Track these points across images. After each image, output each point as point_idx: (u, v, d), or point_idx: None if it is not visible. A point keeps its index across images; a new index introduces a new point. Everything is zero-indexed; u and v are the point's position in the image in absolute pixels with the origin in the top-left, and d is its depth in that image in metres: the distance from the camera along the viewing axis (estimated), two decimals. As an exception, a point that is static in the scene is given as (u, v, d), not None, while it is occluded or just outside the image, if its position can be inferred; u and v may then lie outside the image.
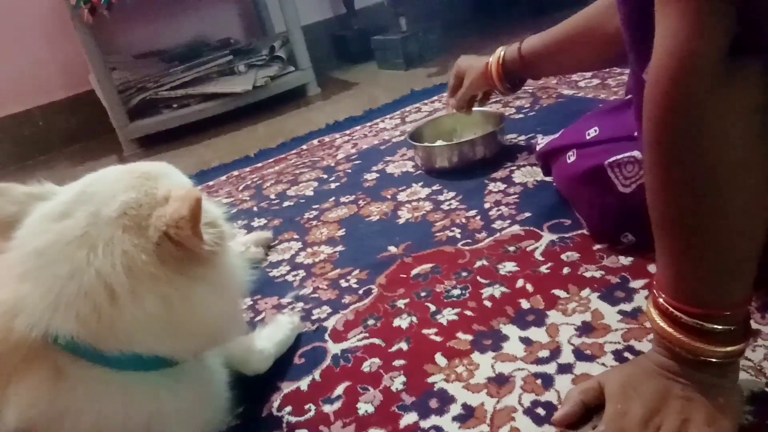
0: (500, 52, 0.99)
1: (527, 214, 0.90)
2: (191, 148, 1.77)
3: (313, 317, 0.79)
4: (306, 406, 0.64)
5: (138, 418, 0.52)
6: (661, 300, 0.49)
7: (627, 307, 0.66)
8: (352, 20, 2.37)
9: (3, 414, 0.49)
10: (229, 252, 0.57)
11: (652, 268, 0.70)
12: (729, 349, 0.47)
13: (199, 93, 1.84)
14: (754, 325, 0.57)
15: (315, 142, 1.49)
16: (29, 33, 2.04)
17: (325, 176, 1.25)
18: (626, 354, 0.59)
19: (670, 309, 0.48)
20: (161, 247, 0.49)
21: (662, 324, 0.49)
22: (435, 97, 1.61)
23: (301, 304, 0.82)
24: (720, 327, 0.47)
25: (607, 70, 1.39)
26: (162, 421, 0.54)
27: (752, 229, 0.46)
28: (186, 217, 0.48)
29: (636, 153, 0.70)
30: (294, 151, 1.47)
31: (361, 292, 0.82)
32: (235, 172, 1.42)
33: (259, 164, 1.44)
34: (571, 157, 0.79)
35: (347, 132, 1.50)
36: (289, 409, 0.64)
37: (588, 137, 0.79)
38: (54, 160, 2.04)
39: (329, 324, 0.76)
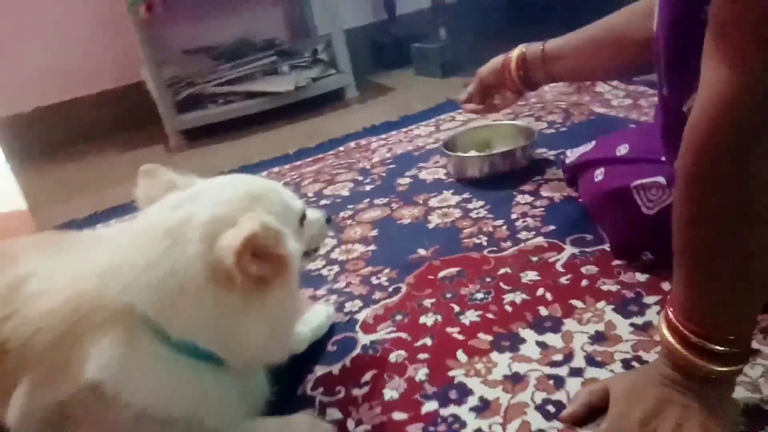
0: (523, 47, 1.02)
1: (552, 227, 0.95)
2: (233, 143, 1.85)
3: (345, 310, 0.85)
4: (337, 389, 0.70)
5: (183, 402, 0.59)
6: (672, 317, 0.54)
7: (639, 320, 0.70)
8: (392, 26, 2.44)
9: (80, 357, 0.57)
10: (289, 289, 0.61)
11: (666, 286, 0.75)
12: (728, 369, 0.52)
13: (243, 90, 1.93)
14: (755, 345, 0.62)
15: (351, 144, 1.56)
16: (84, 24, 2.14)
17: (361, 178, 1.32)
18: (634, 363, 0.64)
19: (679, 326, 0.53)
20: (215, 267, 0.56)
21: (670, 339, 0.54)
22: (470, 107, 1.66)
23: (334, 297, 0.89)
24: (722, 348, 0.51)
25: (641, 90, 1.42)
26: (200, 406, 0.60)
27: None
28: (233, 249, 0.53)
29: (660, 178, 0.74)
30: (331, 152, 1.54)
31: (390, 289, 0.88)
32: (275, 169, 1.50)
33: (298, 162, 1.51)
34: (599, 175, 0.84)
35: (383, 136, 1.57)
36: (321, 390, 0.71)
37: (618, 153, 0.84)
38: (103, 147, 2.13)
39: (360, 317, 0.83)
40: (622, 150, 0.82)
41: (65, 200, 1.72)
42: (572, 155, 0.94)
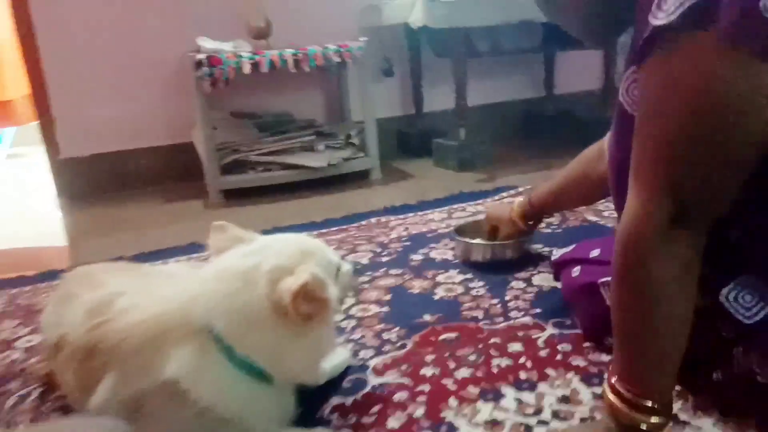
0: (518, 205, 1.31)
1: (538, 310, 1.13)
2: (267, 206, 2.07)
3: (359, 356, 1.02)
4: (349, 416, 0.86)
5: (234, 404, 0.76)
6: (612, 379, 0.71)
7: (599, 390, 0.87)
8: (418, 121, 2.73)
9: (164, 364, 0.74)
10: (327, 325, 0.82)
11: (623, 365, 0.92)
12: (654, 420, 0.68)
13: (282, 162, 2.17)
14: (685, 418, 0.79)
15: (373, 220, 1.77)
16: (150, 85, 2.42)
17: (379, 250, 1.52)
18: (589, 421, 0.81)
19: (617, 386, 0.70)
20: (276, 304, 0.75)
21: (611, 396, 0.71)
22: (479, 201, 1.88)
23: (350, 345, 1.06)
24: (649, 403, 0.68)
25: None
26: (248, 411, 0.77)
27: (674, 342, 0.68)
28: (291, 292, 0.73)
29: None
30: (354, 225, 1.74)
31: (398, 344, 1.05)
32: (304, 234, 1.69)
33: (324, 230, 1.72)
34: (576, 272, 1.03)
35: (401, 216, 1.78)
36: (336, 415, 0.87)
37: (591, 255, 1.03)
38: (147, 196, 2.35)
39: (371, 363, 1.00)
40: (595, 253, 1.02)
41: (104, 239, 1.91)
42: (557, 254, 1.13)
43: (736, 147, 0.62)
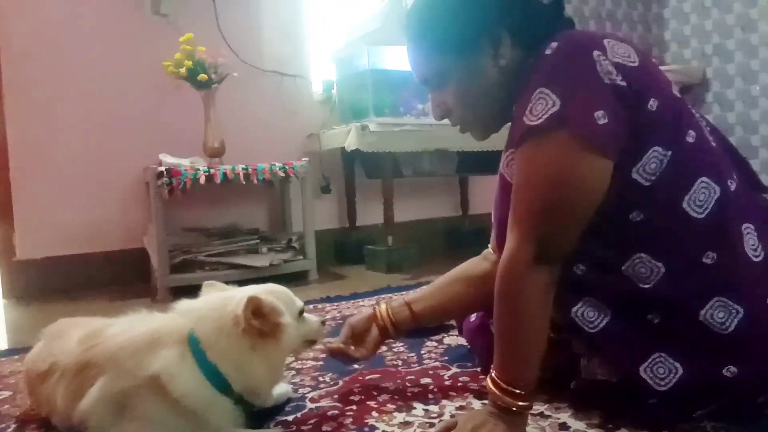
0: (385, 300, 1.30)
1: (446, 358, 1.39)
2: (213, 300, 2.26)
3: (299, 392, 1.23)
4: (291, 426, 1.06)
5: (198, 400, 0.95)
6: (493, 373, 0.97)
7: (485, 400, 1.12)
8: (352, 232, 3.06)
9: (150, 360, 0.94)
10: (282, 350, 1.03)
11: (507, 386, 1.18)
12: (521, 403, 0.94)
13: (228, 262, 2.41)
14: (549, 413, 1.04)
15: (310, 306, 2.01)
16: (110, 196, 2.66)
17: (316, 327, 1.75)
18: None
19: (496, 378, 0.96)
20: (234, 317, 0.98)
21: (491, 386, 0.96)
22: (405, 292, 2.16)
23: (291, 386, 1.27)
24: (517, 390, 0.94)
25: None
26: (209, 408, 0.96)
27: (536, 345, 0.95)
28: (242, 304, 0.97)
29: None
30: (294, 311, 1.97)
31: (331, 383, 1.27)
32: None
33: (267, 315, 1.93)
34: (473, 317, 1.31)
35: (335, 303, 2.03)
36: (279, 427, 1.07)
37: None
38: (95, 296, 2.47)
39: (309, 395, 1.21)
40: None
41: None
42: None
43: (577, 212, 0.90)
